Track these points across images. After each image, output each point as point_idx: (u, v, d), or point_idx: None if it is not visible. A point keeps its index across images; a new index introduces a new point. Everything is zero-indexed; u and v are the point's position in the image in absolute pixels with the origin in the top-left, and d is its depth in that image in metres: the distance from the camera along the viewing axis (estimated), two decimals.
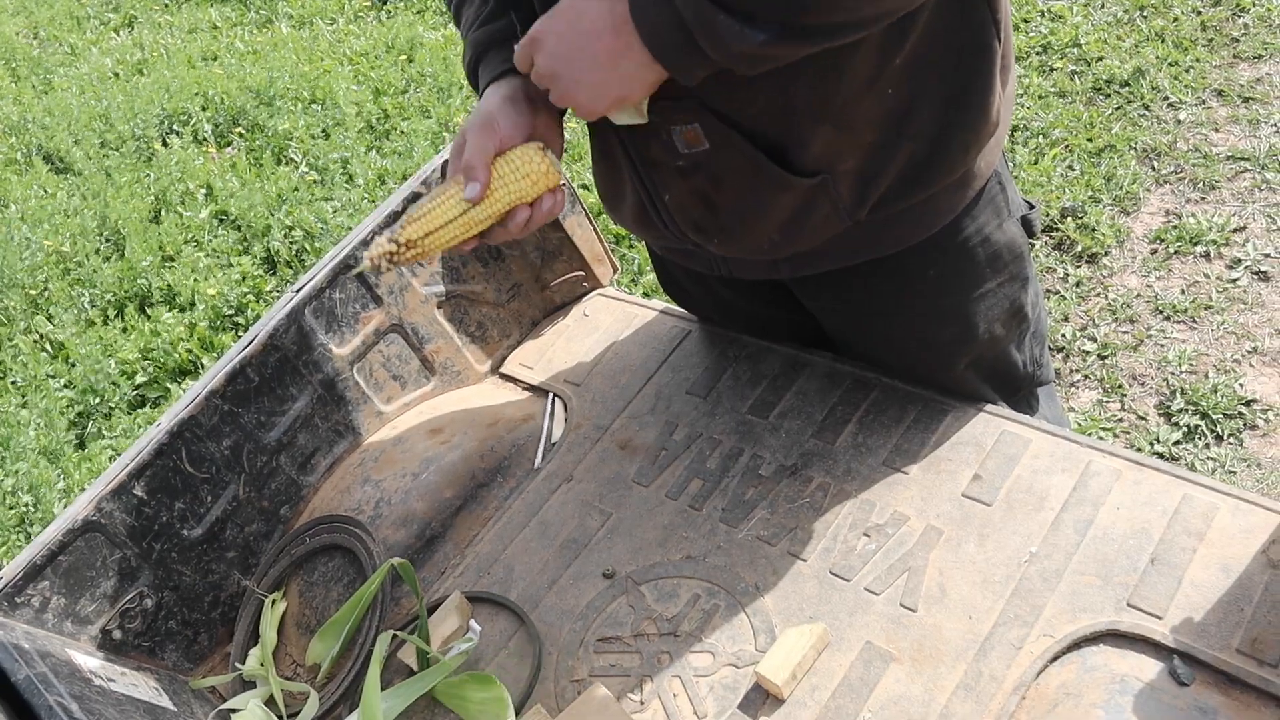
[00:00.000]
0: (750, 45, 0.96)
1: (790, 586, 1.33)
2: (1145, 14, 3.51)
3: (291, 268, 3.68)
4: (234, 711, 1.44)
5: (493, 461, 1.65)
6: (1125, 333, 2.60)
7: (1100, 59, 3.38)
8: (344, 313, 1.71)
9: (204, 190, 4.08)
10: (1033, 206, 1.40)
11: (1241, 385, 2.39)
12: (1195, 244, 2.72)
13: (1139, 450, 2.33)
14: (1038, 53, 3.51)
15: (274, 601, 1.58)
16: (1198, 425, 2.34)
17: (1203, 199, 2.86)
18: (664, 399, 1.63)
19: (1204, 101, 3.14)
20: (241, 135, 4.41)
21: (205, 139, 4.44)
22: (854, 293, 1.39)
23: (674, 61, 1.01)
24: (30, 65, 5.56)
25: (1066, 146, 3.13)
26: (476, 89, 1.28)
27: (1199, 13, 3.43)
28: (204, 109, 4.59)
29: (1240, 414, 2.33)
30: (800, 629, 1.25)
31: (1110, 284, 2.72)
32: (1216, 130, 3.04)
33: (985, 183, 1.30)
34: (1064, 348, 2.60)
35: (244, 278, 3.61)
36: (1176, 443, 2.33)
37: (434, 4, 5.13)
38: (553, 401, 1.74)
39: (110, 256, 3.86)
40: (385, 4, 5.33)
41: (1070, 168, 3.07)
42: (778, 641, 1.24)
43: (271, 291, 3.61)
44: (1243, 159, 2.91)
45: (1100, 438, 2.34)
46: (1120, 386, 2.48)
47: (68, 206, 4.14)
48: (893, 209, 1.25)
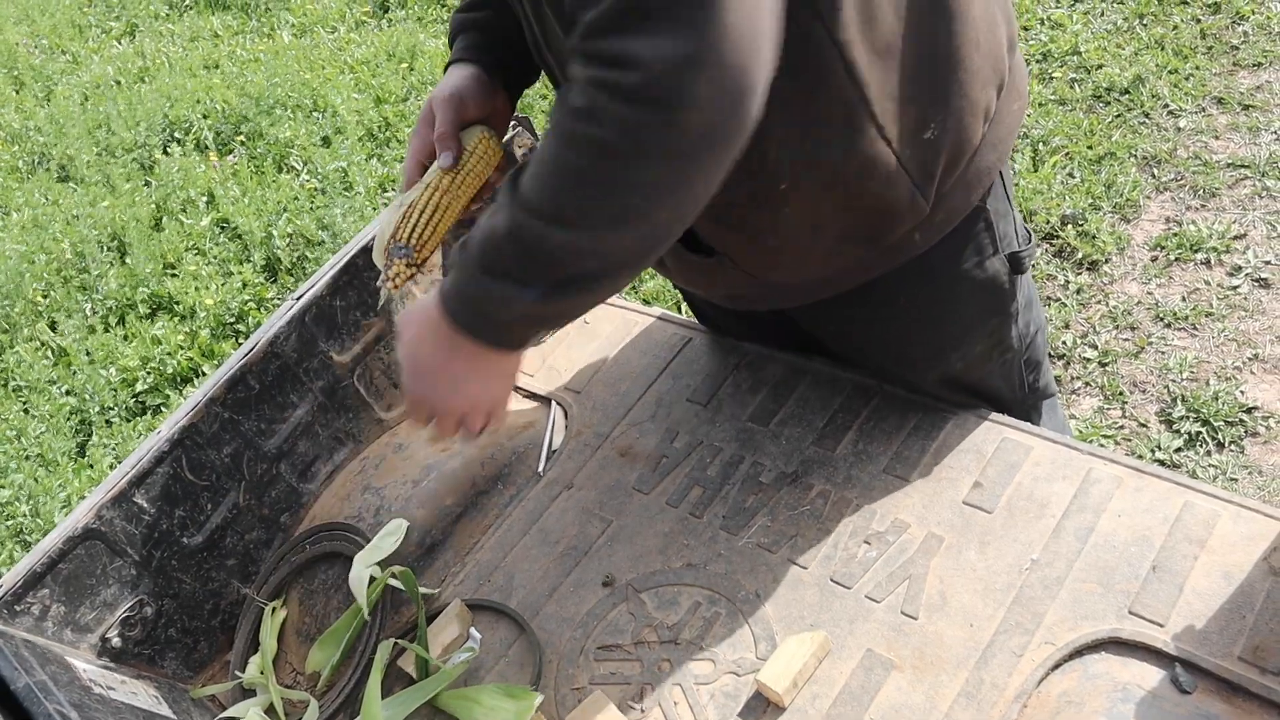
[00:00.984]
0: (526, 304, 0.99)
1: (791, 594, 1.32)
2: (1145, 22, 3.52)
3: (292, 275, 3.68)
4: None
5: (493, 469, 1.65)
6: (1126, 340, 2.60)
7: (1100, 67, 3.39)
8: (345, 320, 1.71)
9: (205, 198, 4.09)
10: (1030, 239, 1.36)
11: (1242, 392, 2.38)
12: (1196, 251, 2.72)
13: (1140, 457, 2.33)
14: (1038, 60, 3.52)
15: (274, 609, 1.58)
16: (1199, 432, 2.33)
17: (1203, 206, 2.86)
18: (664, 406, 1.63)
19: (1204, 109, 3.14)
20: (243, 143, 4.42)
21: (207, 147, 4.45)
22: (832, 312, 1.38)
23: (495, 338, 1.06)
24: (32, 74, 5.57)
25: (1067, 154, 3.13)
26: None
27: (1198, 21, 3.43)
28: (205, 117, 4.60)
29: (1241, 421, 2.33)
30: (801, 637, 1.24)
31: (1111, 291, 2.73)
32: (1216, 137, 3.04)
33: (958, 223, 1.25)
34: (1065, 355, 2.60)
35: (245, 285, 3.62)
36: (1178, 450, 2.33)
37: (435, 13, 5.14)
38: (554, 409, 1.74)
39: (112, 264, 3.86)
40: (386, 12, 5.35)
41: (1070, 175, 3.07)
42: (778, 649, 1.24)
43: (273, 299, 3.61)
44: (1243, 166, 2.91)
45: (1101, 445, 2.33)
46: (1121, 394, 2.47)
47: (69, 214, 4.15)
48: (839, 260, 1.25)
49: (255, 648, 1.56)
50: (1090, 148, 3.12)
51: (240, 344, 2.97)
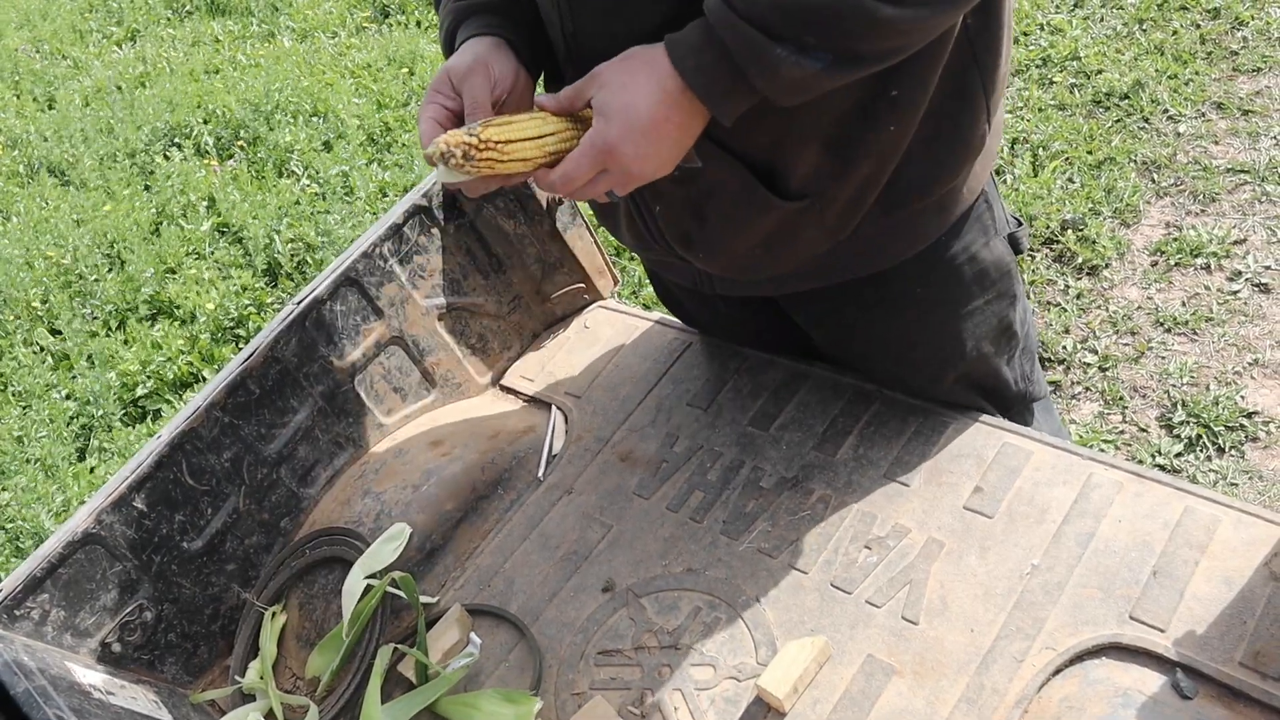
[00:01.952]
0: (804, 73, 0.97)
1: (791, 599, 1.32)
2: (1144, 27, 3.52)
3: (293, 280, 3.68)
4: None
5: (493, 474, 1.65)
6: (1126, 345, 2.60)
7: (1100, 72, 3.39)
8: (345, 325, 1.71)
9: (206, 203, 4.09)
10: (1020, 223, 1.40)
11: (1243, 397, 2.38)
12: (1196, 256, 2.72)
13: (1140, 462, 2.32)
14: (1037, 65, 3.52)
15: (274, 614, 1.57)
16: (1199, 437, 2.33)
17: (1203, 211, 2.86)
18: (665, 411, 1.63)
19: (1203, 114, 3.14)
20: (243, 148, 4.42)
21: (207, 151, 4.46)
22: (842, 308, 1.40)
23: (720, 104, 1.03)
24: (33, 79, 5.58)
25: (1066, 159, 3.14)
26: (451, 50, 1.27)
27: (1198, 26, 3.44)
28: (206, 122, 4.60)
29: (1242, 426, 2.33)
30: (801, 642, 1.24)
31: (1111, 296, 2.73)
32: (1216, 143, 3.04)
33: (972, 203, 1.31)
34: (1065, 360, 2.60)
35: (245, 290, 3.62)
36: (1178, 455, 2.32)
37: (435, 18, 5.15)
38: (554, 414, 1.74)
39: (112, 269, 3.87)
40: (387, 17, 5.35)
41: (1070, 180, 3.07)
42: (779, 654, 1.24)
43: (273, 304, 3.61)
44: (1242, 171, 2.91)
45: (1101, 450, 2.33)
46: (1121, 398, 2.47)
47: (70, 218, 4.15)
48: (874, 228, 1.26)
49: (255, 653, 1.56)
50: (1090, 153, 3.13)
51: (240, 349, 2.97)
